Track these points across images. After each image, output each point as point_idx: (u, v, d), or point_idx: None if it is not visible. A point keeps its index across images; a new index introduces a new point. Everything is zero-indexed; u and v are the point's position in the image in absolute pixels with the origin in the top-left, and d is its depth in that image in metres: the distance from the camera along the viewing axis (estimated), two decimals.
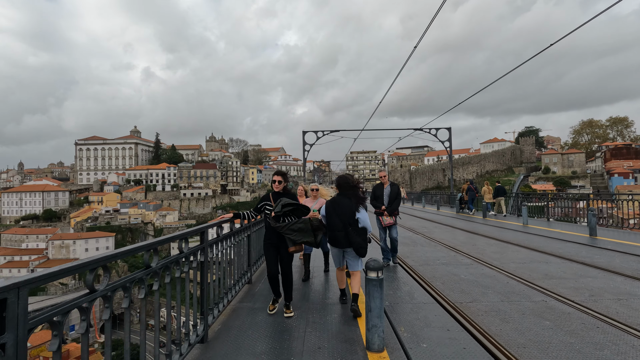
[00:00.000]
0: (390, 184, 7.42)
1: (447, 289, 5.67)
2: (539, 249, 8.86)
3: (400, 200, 7.50)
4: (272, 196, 4.97)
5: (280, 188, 4.99)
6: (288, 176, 5.63)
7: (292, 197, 5.02)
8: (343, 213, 4.66)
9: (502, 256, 8.15)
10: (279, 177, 4.98)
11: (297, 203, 4.85)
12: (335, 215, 4.70)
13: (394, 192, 7.30)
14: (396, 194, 7.29)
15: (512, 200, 22.73)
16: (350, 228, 4.60)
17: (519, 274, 6.47)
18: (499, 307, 4.75)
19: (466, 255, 8.34)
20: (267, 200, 4.98)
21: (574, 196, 18.79)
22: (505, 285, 5.75)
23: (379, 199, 7.38)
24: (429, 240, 10.83)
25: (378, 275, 3.54)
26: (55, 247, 79.79)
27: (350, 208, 4.69)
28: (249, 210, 5.13)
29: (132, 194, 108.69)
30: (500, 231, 12.68)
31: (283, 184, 5.00)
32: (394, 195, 7.28)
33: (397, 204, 7.28)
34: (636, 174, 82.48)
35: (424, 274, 6.63)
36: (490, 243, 10.11)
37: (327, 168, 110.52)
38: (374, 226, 7.69)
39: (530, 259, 7.75)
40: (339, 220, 4.65)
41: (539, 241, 10.23)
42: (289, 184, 6.01)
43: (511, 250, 8.88)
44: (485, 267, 7.08)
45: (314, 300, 5.39)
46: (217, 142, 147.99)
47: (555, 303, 4.85)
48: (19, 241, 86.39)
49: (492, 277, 6.29)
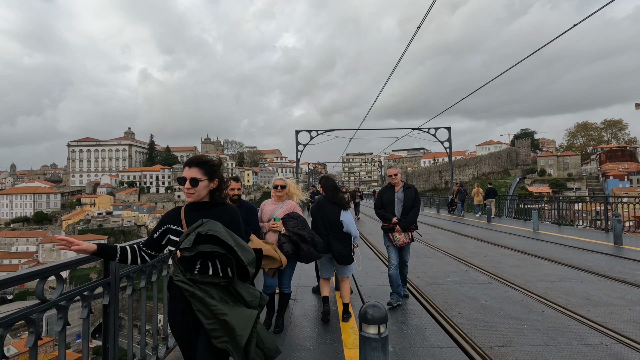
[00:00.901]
0: (404, 186, 5.21)
1: (468, 322, 4.38)
2: (563, 262, 7.60)
3: (419, 209, 5.32)
4: (185, 214, 2.20)
5: (200, 196, 2.19)
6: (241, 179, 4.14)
7: (234, 216, 2.23)
8: (327, 217, 4.43)
9: (524, 271, 6.88)
10: (193, 170, 2.16)
11: (232, 245, 1.96)
12: (320, 220, 4.45)
13: (410, 197, 5.11)
14: (413, 201, 5.10)
15: (509, 203, 21.77)
16: (332, 234, 4.36)
17: (553, 297, 5.19)
18: (546, 356, 3.46)
19: (480, 270, 7.06)
20: (172, 223, 2.22)
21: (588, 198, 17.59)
22: (542, 317, 4.46)
23: (388, 207, 5.16)
24: (433, 250, 9.54)
25: (380, 331, 2.22)
26: (46, 250, 78.28)
27: (336, 212, 4.47)
28: (138, 242, 2.33)
29: (126, 196, 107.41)
30: (511, 238, 11.43)
31: (207, 185, 2.19)
32: (410, 201, 5.09)
33: (414, 215, 5.08)
34: (631, 176, 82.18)
35: (435, 298, 5.35)
36: (504, 253, 8.85)
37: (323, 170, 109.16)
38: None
39: (559, 276, 6.48)
40: (323, 225, 4.41)
41: (558, 251, 8.98)
42: None
43: (532, 263, 7.61)
44: (509, 288, 5.79)
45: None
46: (213, 144, 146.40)
47: (621, 348, 3.55)
48: (9, 244, 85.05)
49: (520, 304, 5.01)
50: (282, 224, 4.05)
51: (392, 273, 5.06)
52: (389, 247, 5.16)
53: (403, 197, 5.13)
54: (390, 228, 5.09)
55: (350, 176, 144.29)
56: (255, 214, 4.08)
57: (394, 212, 5.10)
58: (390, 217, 5.09)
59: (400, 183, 5.23)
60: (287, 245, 3.94)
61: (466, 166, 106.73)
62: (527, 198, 21.70)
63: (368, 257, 8.91)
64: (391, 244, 5.11)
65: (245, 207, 3.90)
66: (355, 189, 22.71)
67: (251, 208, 4.00)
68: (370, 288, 6.05)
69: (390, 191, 5.24)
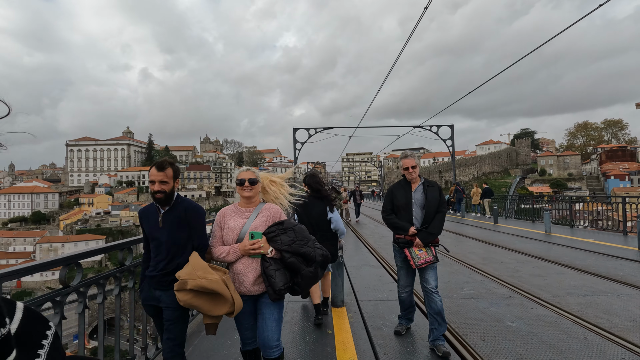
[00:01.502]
0: (425, 183, 3.80)
1: (496, 353, 3.51)
2: (589, 270, 6.75)
3: (445, 215, 3.85)
4: None
5: None
6: None
7: None
8: (314, 215, 4.29)
9: (548, 283, 6.03)
10: None
11: None
12: (305, 219, 4.23)
13: (433, 198, 3.69)
14: (437, 203, 3.70)
15: (509, 204, 21.05)
16: (319, 233, 4.09)
17: (592, 318, 4.34)
18: None
19: (497, 281, 6.21)
20: None
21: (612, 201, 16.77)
22: (586, 347, 3.60)
23: (402, 211, 3.76)
24: (441, 256, 8.68)
25: None
26: (43, 250, 77.70)
27: (323, 210, 4.41)
28: None
29: (124, 196, 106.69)
30: (523, 242, 10.58)
31: None
32: (434, 204, 3.68)
33: (439, 223, 3.71)
34: (632, 176, 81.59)
35: (450, 318, 4.49)
36: (519, 259, 8.00)
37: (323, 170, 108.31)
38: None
39: (590, 288, 5.63)
40: (309, 224, 4.09)
41: (580, 256, 8.13)
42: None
43: (554, 272, 6.76)
44: (536, 304, 4.94)
45: None
46: (212, 144, 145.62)
47: None
48: (6, 244, 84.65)
49: (554, 326, 4.16)
50: (268, 240, 2.56)
51: (403, 297, 3.91)
52: (400, 268, 3.89)
53: (423, 199, 3.72)
54: (406, 241, 3.69)
55: (349, 176, 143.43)
56: (201, 218, 2.69)
57: (410, 219, 3.72)
58: (406, 227, 3.68)
59: (419, 179, 3.80)
60: (279, 276, 2.49)
61: (466, 166, 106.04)
62: (534, 198, 20.94)
63: (369, 264, 8.07)
64: (407, 264, 3.76)
65: (182, 207, 2.64)
66: (355, 188, 21.30)
67: (193, 209, 2.68)
68: (373, 304, 5.20)
69: (405, 190, 3.79)
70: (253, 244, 2.50)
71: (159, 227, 2.59)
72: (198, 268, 2.35)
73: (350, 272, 7.07)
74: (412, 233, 3.66)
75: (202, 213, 2.70)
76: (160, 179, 2.55)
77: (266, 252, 2.51)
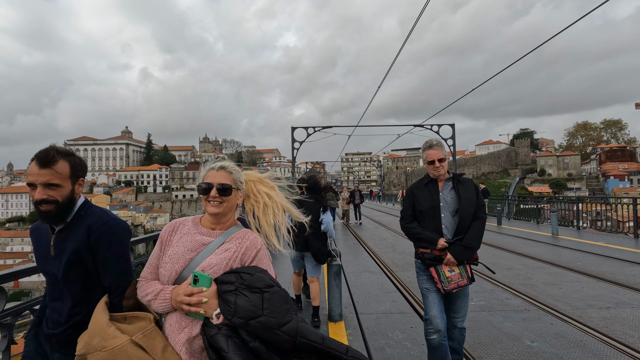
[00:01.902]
0: (454, 179, 2.91)
1: None
2: (607, 277, 6.26)
3: (485, 222, 2.87)
4: None
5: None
6: None
7: None
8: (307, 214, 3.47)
9: (564, 292, 5.55)
10: None
11: None
12: None
13: (469, 199, 2.81)
14: (474, 205, 2.82)
15: (510, 204, 20.65)
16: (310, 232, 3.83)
17: (621, 336, 3.86)
18: None
19: (509, 290, 5.73)
20: None
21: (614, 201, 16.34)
22: None
23: (427, 217, 2.88)
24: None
25: None
26: None
27: (316, 209, 4.43)
28: None
29: (123, 196, 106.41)
30: (529, 245, 10.09)
31: None
32: (470, 206, 2.81)
33: (477, 234, 2.78)
34: (632, 176, 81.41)
35: None
36: (529, 265, 7.51)
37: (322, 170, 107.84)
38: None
39: (612, 299, 5.14)
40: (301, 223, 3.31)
41: (594, 262, 7.64)
42: None
43: (569, 280, 6.28)
44: (555, 319, 4.45)
45: None
46: (211, 143, 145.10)
47: None
48: (4, 244, 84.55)
49: (580, 347, 3.67)
50: (219, 295, 1.44)
51: (435, 343, 2.74)
52: (428, 293, 2.82)
53: (455, 201, 2.83)
54: (433, 257, 2.77)
55: (349, 176, 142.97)
56: (114, 243, 1.70)
57: (439, 228, 2.81)
58: (433, 238, 2.77)
59: (447, 175, 2.92)
60: (234, 349, 1.34)
61: (466, 166, 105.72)
62: (535, 199, 20.51)
63: (369, 269, 7.58)
64: (434, 287, 2.80)
65: (85, 225, 1.66)
66: (355, 188, 19.85)
67: (100, 228, 1.67)
68: (374, 317, 4.70)
69: (430, 190, 2.90)
70: (191, 295, 1.41)
71: (51, 256, 1.67)
72: (94, 333, 1.46)
73: (349, 280, 6.59)
74: (441, 247, 2.74)
75: (118, 234, 1.70)
76: (45, 180, 1.55)
77: (209, 315, 1.41)
